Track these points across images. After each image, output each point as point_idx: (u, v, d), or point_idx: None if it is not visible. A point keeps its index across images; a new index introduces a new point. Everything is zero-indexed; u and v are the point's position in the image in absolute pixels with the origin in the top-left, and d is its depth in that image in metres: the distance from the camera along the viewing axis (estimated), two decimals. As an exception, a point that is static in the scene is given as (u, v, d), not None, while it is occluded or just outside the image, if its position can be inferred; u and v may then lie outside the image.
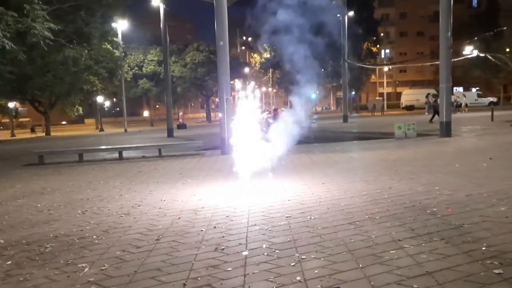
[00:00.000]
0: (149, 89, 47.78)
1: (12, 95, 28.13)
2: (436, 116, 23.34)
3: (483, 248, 3.95)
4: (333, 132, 23.26)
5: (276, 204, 6.20)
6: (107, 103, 52.25)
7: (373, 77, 64.77)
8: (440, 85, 15.81)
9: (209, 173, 9.72)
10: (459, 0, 53.58)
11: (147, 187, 8.31)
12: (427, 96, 28.61)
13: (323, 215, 5.43)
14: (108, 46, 21.77)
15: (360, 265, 3.71)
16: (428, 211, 5.34)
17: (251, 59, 68.46)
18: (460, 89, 55.85)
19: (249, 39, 59.44)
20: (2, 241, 5.14)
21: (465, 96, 41.66)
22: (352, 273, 3.56)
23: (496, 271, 3.44)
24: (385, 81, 63.75)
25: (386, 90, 64.24)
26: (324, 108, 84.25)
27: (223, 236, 4.77)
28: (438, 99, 27.65)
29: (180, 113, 40.13)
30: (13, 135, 39.27)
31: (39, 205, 7.20)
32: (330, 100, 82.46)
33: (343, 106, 34.63)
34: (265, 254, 4.12)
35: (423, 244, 4.14)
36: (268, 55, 62.07)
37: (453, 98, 31.68)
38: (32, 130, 43.98)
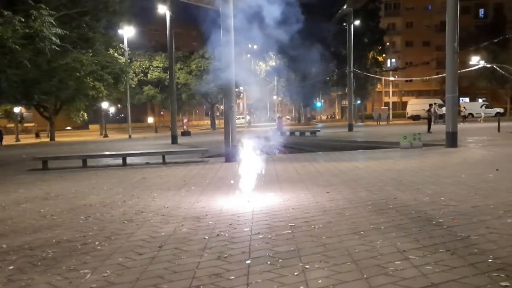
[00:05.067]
0: (154, 96, 47.93)
1: (18, 100, 28.32)
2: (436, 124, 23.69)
3: (490, 260, 3.90)
4: (338, 141, 23.22)
5: (280, 212, 6.17)
6: (112, 109, 52.52)
7: (378, 86, 64.76)
8: (447, 95, 15.76)
9: (212, 181, 9.70)
10: (466, 10, 53.68)
11: (150, 194, 8.29)
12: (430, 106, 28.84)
13: (327, 224, 5.39)
14: (114, 52, 21.89)
15: (365, 276, 3.66)
16: (434, 222, 5.29)
17: (256, 67, 68.67)
18: (467, 99, 55.76)
19: (255, 47, 59.60)
20: (4, 246, 5.13)
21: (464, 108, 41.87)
22: (356, 283, 3.52)
23: (503, 283, 3.40)
24: (390, 90, 63.72)
25: (391, 99, 64.18)
26: (329, 117, 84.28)
27: (226, 244, 4.73)
28: (433, 109, 27.96)
29: (185, 120, 40.10)
30: (17, 140, 39.46)
31: (42, 210, 7.19)
32: (335, 109, 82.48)
33: (348, 115, 34.59)
34: (268, 263, 4.08)
35: (429, 255, 4.09)
36: (274, 63, 62.28)
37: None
38: (37, 135, 44.27)
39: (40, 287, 3.78)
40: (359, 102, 59.00)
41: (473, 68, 28.45)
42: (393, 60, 74.06)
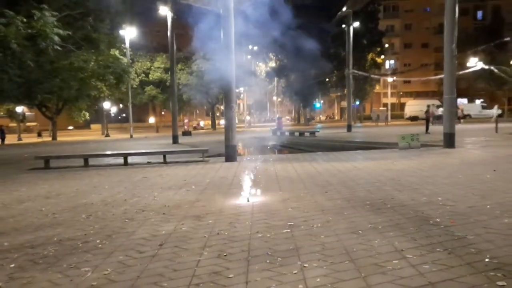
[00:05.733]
0: (155, 96, 47.97)
1: (20, 100, 28.36)
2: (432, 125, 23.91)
3: (486, 260, 3.94)
4: (336, 141, 23.26)
5: (279, 211, 6.21)
6: (114, 109, 52.52)
7: (377, 87, 64.83)
8: (444, 96, 15.81)
9: (212, 180, 9.73)
10: (464, 12, 53.84)
11: (151, 193, 8.33)
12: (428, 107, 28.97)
13: (326, 224, 5.43)
14: (116, 53, 21.93)
15: (363, 274, 3.70)
16: (431, 222, 5.33)
17: (256, 68, 68.76)
18: (464, 100, 55.79)
19: (255, 48, 59.73)
20: (6, 244, 5.17)
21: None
22: (354, 282, 3.56)
23: (500, 283, 3.43)
24: (389, 91, 63.71)
25: (390, 100, 64.21)
26: (328, 118, 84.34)
27: (226, 243, 4.78)
28: (430, 110, 28.06)
29: (186, 120, 40.14)
30: (19, 139, 39.46)
31: (43, 209, 7.23)
32: (334, 110, 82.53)
33: (347, 116, 34.63)
34: (268, 261, 4.12)
35: (426, 255, 4.13)
36: (274, 64, 62.33)
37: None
38: (39, 135, 44.26)
39: (41, 285, 3.81)
40: (358, 103, 59.04)
41: (471, 70, 28.55)
42: (392, 61, 74.12)
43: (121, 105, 52.20)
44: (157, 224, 5.78)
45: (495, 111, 38.82)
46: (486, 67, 25.45)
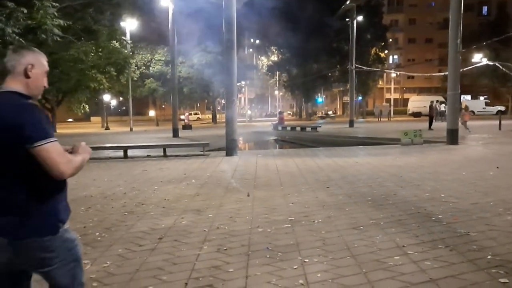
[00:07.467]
0: (155, 89, 47.82)
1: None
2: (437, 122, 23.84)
3: (489, 257, 3.90)
4: (338, 137, 23.22)
5: (280, 206, 6.18)
6: (114, 102, 52.44)
7: (380, 82, 64.65)
8: (448, 92, 15.74)
9: (213, 174, 9.70)
10: (469, 8, 53.54)
11: (151, 186, 8.30)
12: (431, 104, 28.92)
13: (327, 219, 5.40)
14: (117, 45, 21.80)
15: (364, 270, 3.67)
16: (433, 218, 5.29)
17: (258, 61, 68.61)
18: (468, 97, 55.64)
19: (257, 41, 59.57)
20: (5, 235, 5.13)
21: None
22: (355, 278, 3.53)
23: (502, 280, 3.40)
24: (392, 87, 63.62)
25: (393, 96, 64.08)
26: (327, 114, 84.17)
27: (226, 237, 4.75)
28: (434, 106, 28.04)
29: (186, 114, 40.10)
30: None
31: (43, 201, 7.20)
32: (336, 105, 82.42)
33: (350, 111, 34.54)
34: (268, 256, 4.09)
35: (428, 251, 4.10)
36: (276, 58, 62.15)
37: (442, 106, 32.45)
38: (38, 127, 44.16)
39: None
40: (360, 98, 58.89)
41: (475, 66, 28.45)
42: (396, 56, 73.88)
43: (121, 98, 52.07)
44: (156, 218, 5.75)
45: None
46: (491, 63, 25.33)
